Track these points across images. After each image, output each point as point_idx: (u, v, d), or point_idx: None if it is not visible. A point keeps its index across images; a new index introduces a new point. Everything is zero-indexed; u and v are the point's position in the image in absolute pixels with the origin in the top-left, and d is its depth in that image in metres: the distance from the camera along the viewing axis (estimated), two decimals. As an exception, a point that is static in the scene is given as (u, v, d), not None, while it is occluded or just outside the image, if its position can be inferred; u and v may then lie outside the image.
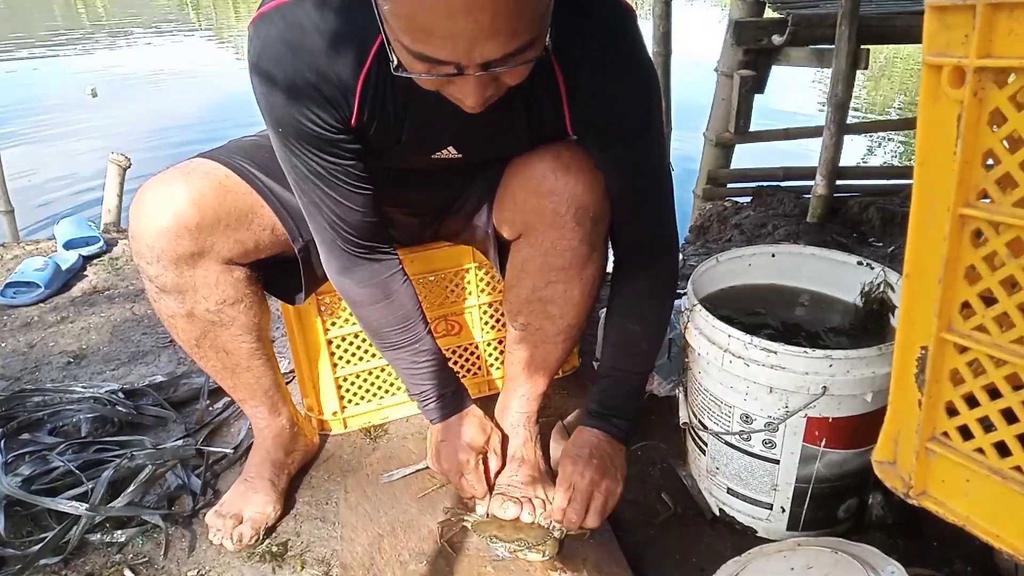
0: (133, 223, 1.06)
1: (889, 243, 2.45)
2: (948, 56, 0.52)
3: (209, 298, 1.11)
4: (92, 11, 15.84)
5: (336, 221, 1.03)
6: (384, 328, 1.13)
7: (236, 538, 1.18)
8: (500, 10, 0.67)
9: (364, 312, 1.13)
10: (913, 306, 0.62)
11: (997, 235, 0.54)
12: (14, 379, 1.72)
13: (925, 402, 0.63)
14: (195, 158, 1.12)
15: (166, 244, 1.04)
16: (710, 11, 13.16)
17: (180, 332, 1.15)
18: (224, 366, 1.19)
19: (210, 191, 1.05)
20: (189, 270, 1.07)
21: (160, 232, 1.04)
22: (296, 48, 0.86)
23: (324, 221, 1.03)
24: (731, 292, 1.29)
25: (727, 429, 1.12)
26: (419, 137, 1.00)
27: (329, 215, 1.02)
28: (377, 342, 1.16)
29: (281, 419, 1.30)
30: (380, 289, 1.10)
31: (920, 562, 1.09)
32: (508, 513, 1.16)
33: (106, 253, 2.46)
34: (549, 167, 1.05)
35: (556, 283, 1.12)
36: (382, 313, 1.11)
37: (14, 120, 6.30)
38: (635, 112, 0.99)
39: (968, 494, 0.62)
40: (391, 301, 1.11)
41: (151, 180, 1.07)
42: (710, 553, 1.16)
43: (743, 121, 3.25)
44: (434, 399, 1.17)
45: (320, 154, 0.96)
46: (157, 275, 1.07)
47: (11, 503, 1.26)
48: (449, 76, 0.75)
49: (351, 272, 1.09)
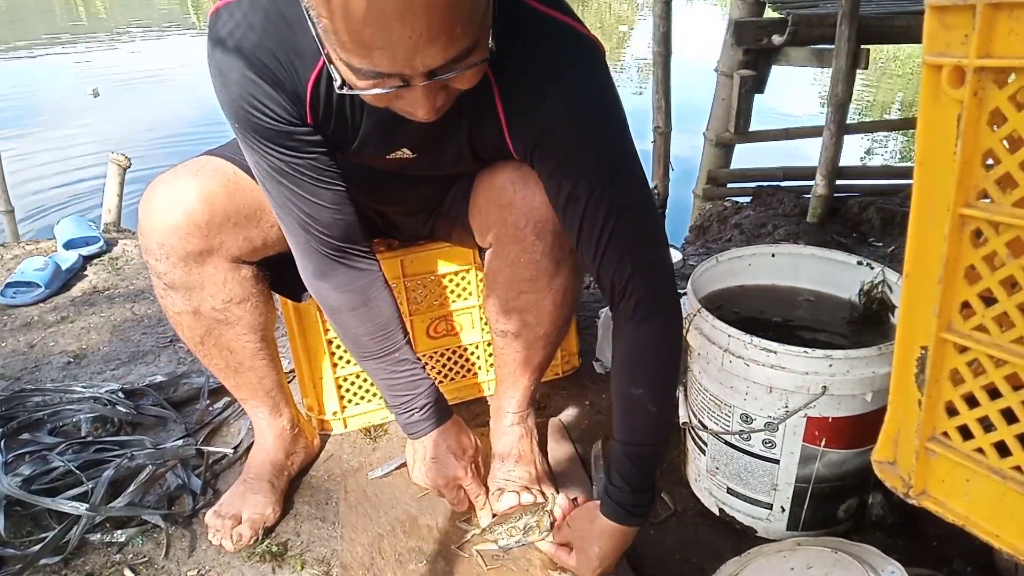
0: (143, 220, 1.05)
1: (889, 243, 2.45)
2: (948, 56, 0.52)
3: (216, 296, 1.11)
4: (92, 11, 15.83)
5: (307, 221, 0.98)
6: (362, 336, 1.08)
7: (235, 538, 1.18)
8: (435, 15, 0.65)
9: (341, 319, 1.08)
10: (913, 306, 0.62)
11: (997, 235, 0.54)
12: (14, 379, 1.72)
13: (925, 402, 0.63)
14: (202, 156, 1.11)
15: (176, 241, 1.04)
16: (711, 11, 13.16)
17: (185, 329, 1.15)
18: (227, 364, 1.19)
19: (219, 188, 1.05)
20: (198, 268, 1.07)
21: (170, 229, 1.03)
22: (259, 31, 0.83)
23: (295, 222, 0.99)
24: (731, 292, 1.29)
25: (727, 429, 1.12)
26: (372, 140, 0.97)
27: (299, 215, 0.98)
28: (355, 351, 1.12)
29: (283, 420, 1.30)
30: (358, 295, 1.06)
31: (920, 562, 1.09)
32: (506, 502, 1.17)
33: (106, 253, 2.46)
34: (509, 179, 1.03)
35: (527, 293, 1.11)
36: (360, 320, 1.07)
37: (14, 120, 6.30)
38: (583, 147, 0.90)
39: (968, 494, 0.63)
40: (369, 308, 1.06)
41: (160, 177, 1.07)
42: (710, 553, 1.16)
43: (743, 121, 3.26)
44: (416, 411, 1.12)
45: (280, 149, 0.92)
46: (165, 272, 1.07)
47: (11, 503, 1.26)
48: (396, 88, 0.72)
49: (328, 277, 1.05)
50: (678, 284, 1.18)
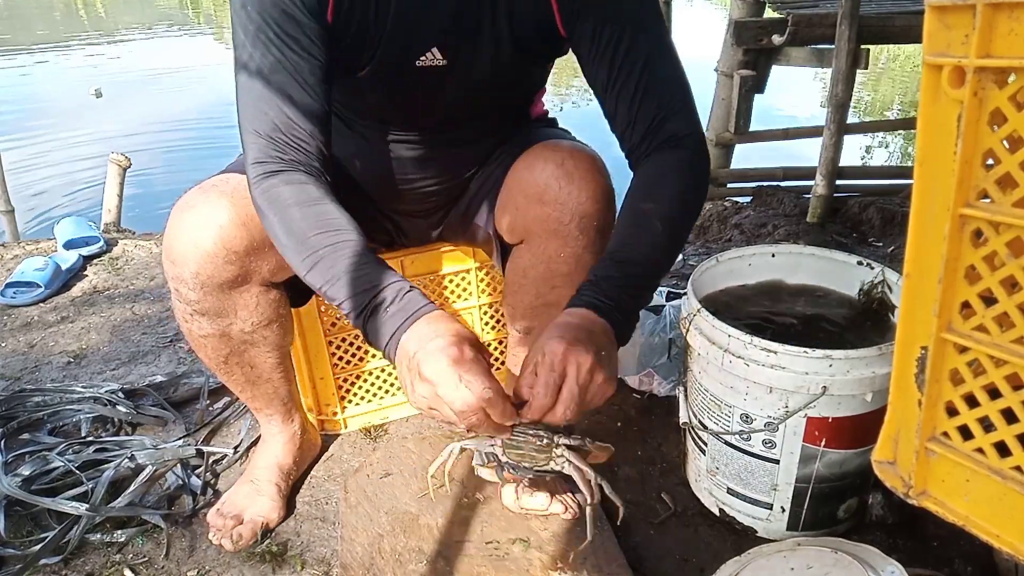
0: (172, 245, 0.99)
1: (889, 243, 2.45)
2: (948, 56, 0.52)
3: (247, 320, 1.08)
4: (92, 12, 15.84)
5: (282, 128, 0.89)
6: (310, 233, 0.85)
7: (235, 538, 1.18)
8: None
9: (286, 215, 0.87)
10: (913, 306, 0.62)
11: (997, 235, 0.54)
12: (14, 379, 1.72)
13: (925, 402, 0.63)
14: (228, 174, 1.06)
15: (212, 271, 1.00)
16: (711, 12, 13.16)
17: (209, 351, 1.12)
18: (247, 379, 1.18)
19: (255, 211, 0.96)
20: (231, 294, 1.04)
21: (207, 258, 0.99)
22: None
23: (267, 124, 0.89)
24: (731, 292, 1.29)
25: (727, 429, 1.12)
26: (401, 34, 0.93)
27: (275, 118, 0.88)
28: (300, 255, 0.86)
29: (293, 425, 1.30)
30: (312, 195, 0.88)
31: (920, 562, 1.09)
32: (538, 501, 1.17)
33: (106, 253, 2.46)
34: (552, 175, 1.02)
35: (560, 287, 1.09)
36: (309, 214, 0.86)
37: (16, 120, 6.31)
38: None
39: (968, 494, 0.62)
40: (323, 207, 0.88)
41: (188, 198, 1.01)
42: (710, 553, 1.16)
43: (743, 121, 3.26)
44: (398, 298, 0.82)
45: (284, 38, 0.87)
46: (197, 300, 1.03)
47: (11, 503, 1.26)
48: None
49: (279, 175, 0.89)
50: (678, 284, 1.18)
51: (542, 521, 1.20)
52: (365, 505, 1.26)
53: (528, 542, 1.16)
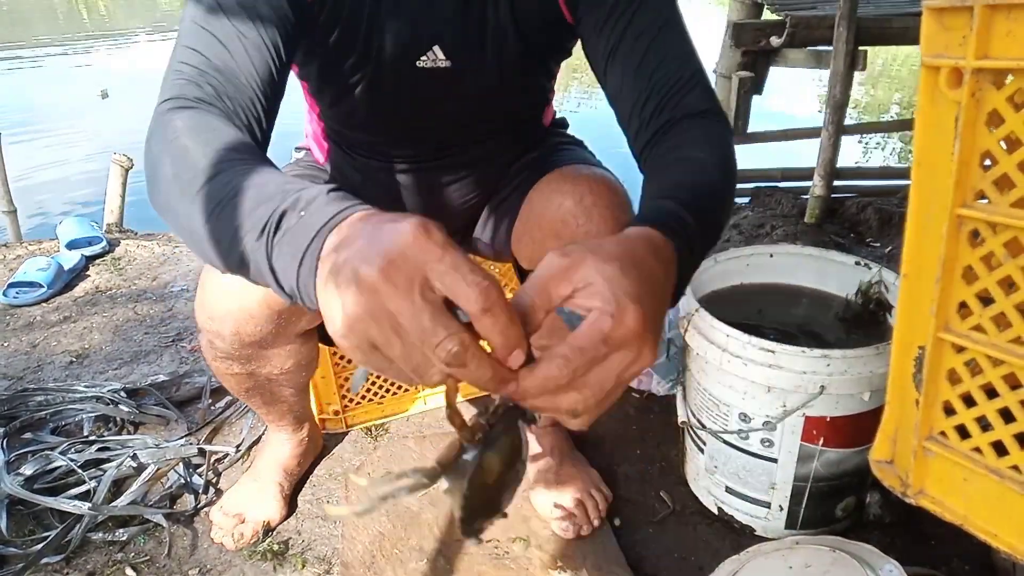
0: (214, 305, 0.96)
1: (886, 243, 2.45)
2: (946, 57, 0.53)
3: (278, 367, 1.08)
4: (94, 12, 15.81)
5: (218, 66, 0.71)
6: (214, 162, 0.61)
7: (236, 536, 1.19)
8: None
9: (177, 146, 0.63)
10: (911, 306, 0.62)
11: (994, 235, 0.55)
12: (17, 378, 1.72)
13: (922, 401, 0.63)
14: None
15: (252, 329, 0.97)
16: (711, 13, 13.16)
17: (232, 382, 1.10)
18: (264, 402, 1.18)
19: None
20: (268, 348, 1.03)
21: (248, 320, 0.96)
22: None
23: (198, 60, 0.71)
24: (729, 292, 1.30)
25: (725, 428, 1.13)
26: (400, 31, 0.88)
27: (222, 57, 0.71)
28: (195, 186, 0.59)
29: (302, 432, 1.30)
30: (215, 122, 0.67)
31: (918, 561, 1.10)
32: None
33: (108, 253, 2.46)
34: (570, 212, 0.96)
35: None
36: (210, 139, 0.63)
37: (17, 121, 6.30)
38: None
39: (965, 493, 0.63)
40: (227, 132, 0.65)
41: None
42: (709, 551, 1.16)
43: (741, 122, 3.26)
44: (319, 197, 0.53)
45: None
46: (232, 352, 1.01)
47: (13, 502, 1.26)
48: None
49: (190, 109, 0.68)
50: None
51: (542, 521, 1.20)
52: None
53: (528, 541, 1.17)
